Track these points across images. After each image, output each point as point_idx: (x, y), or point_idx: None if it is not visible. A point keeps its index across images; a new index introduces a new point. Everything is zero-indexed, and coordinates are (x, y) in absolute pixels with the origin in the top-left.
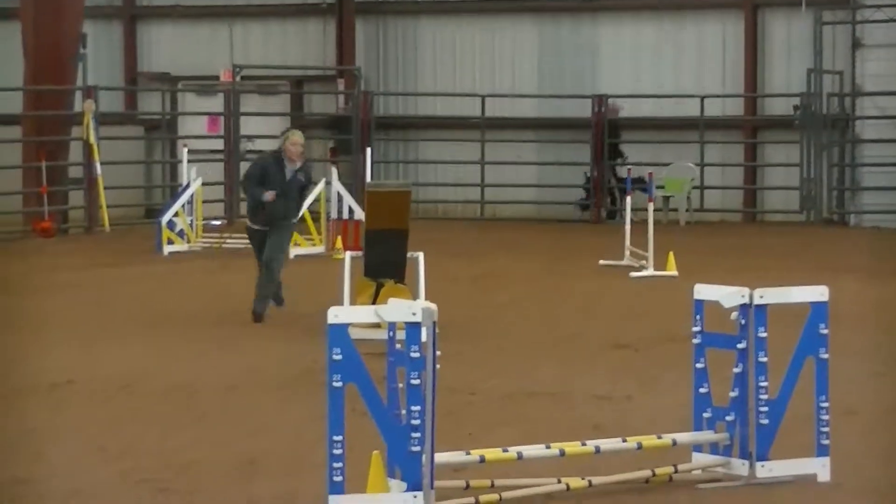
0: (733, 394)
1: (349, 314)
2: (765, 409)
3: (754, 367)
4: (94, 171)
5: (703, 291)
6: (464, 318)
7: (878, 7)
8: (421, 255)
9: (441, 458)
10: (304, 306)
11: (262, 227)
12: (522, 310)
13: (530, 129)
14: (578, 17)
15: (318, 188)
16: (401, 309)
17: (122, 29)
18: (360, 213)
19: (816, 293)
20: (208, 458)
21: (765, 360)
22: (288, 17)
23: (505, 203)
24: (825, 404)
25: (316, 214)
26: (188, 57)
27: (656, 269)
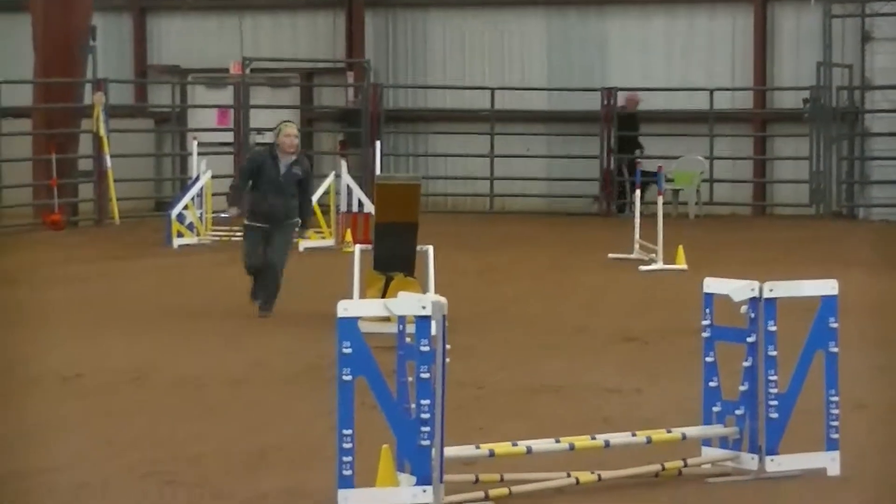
0: (743, 388)
1: (359, 308)
2: (774, 403)
3: (764, 360)
4: (103, 164)
5: (712, 285)
6: (473, 311)
7: (888, 0)
8: (430, 249)
9: (451, 452)
10: (313, 300)
11: (261, 225)
12: (531, 303)
13: (540, 122)
14: (588, 9)
15: (328, 181)
16: (410, 302)
17: (132, 21)
18: (369, 207)
19: (826, 287)
20: (217, 451)
21: (774, 353)
22: (298, 10)
23: (514, 196)
24: (835, 398)
25: (325, 207)
26: (198, 50)
27: (666, 262)
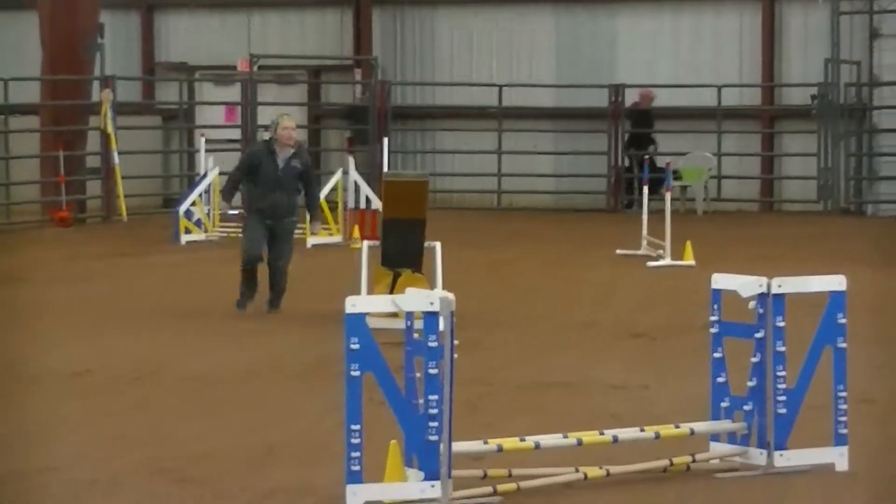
0: (751, 383)
1: (367, 304)
2: (782, 398)
3: (772, 356)
4: (111, 161)
5: (720, 281)
6: (481, 306)
7: None
8: (438, 245)
9: (459, 447)
10: (321, 296)
11: (265, 220)
12: (539, 299)
13: (547, 118)
14: (596, 6)
15: (336, 178)
16: (418, 298)
17: (140, 18)
18: (377, 203)
19: (834, 283)
20: (226, 447)
21: (782, 349)
22: (305, 7)
23: (522, 193)
24: (843, 394)
25: (333, 204)
26: (205, 46)
27: (673, 258)
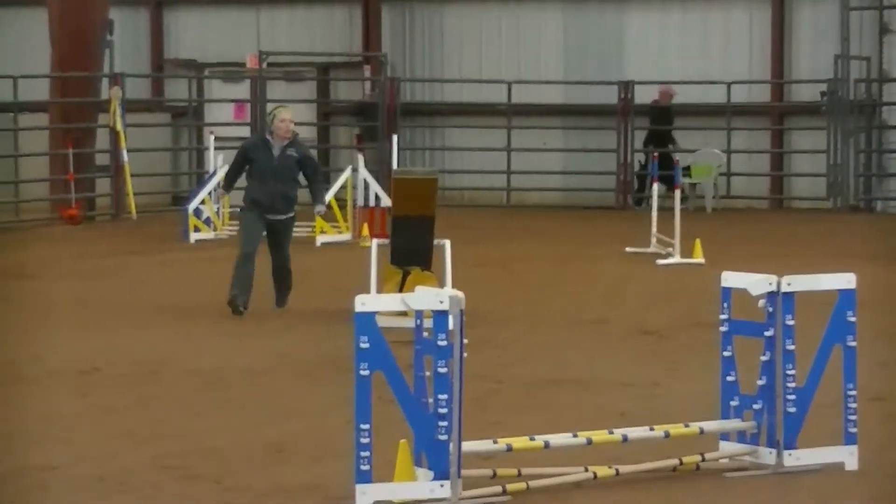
0: (761, 382)
1: (376, 302)
2: (792, 397)
3: (782, 354)
4: (120, 159)
5: (730, 279)
6: (490, 304)
7: None
8: (447, 243)
9: (468, 446)
10: (330, 294)
11: (264, 215)
12: (548, 297)
13: (556, 115)
14: (604, 2)
15: (345, 175)
16: (428, 297)
17: (149, 15)
18: (386, 201)
19: (844, 280)
20: (235, 444)
21: (792, 347)
22: (314, 4)
23: (531, 190)
24: (853, 392)
25: (342, 202)
26: (215, 44)
27: (683, 256)
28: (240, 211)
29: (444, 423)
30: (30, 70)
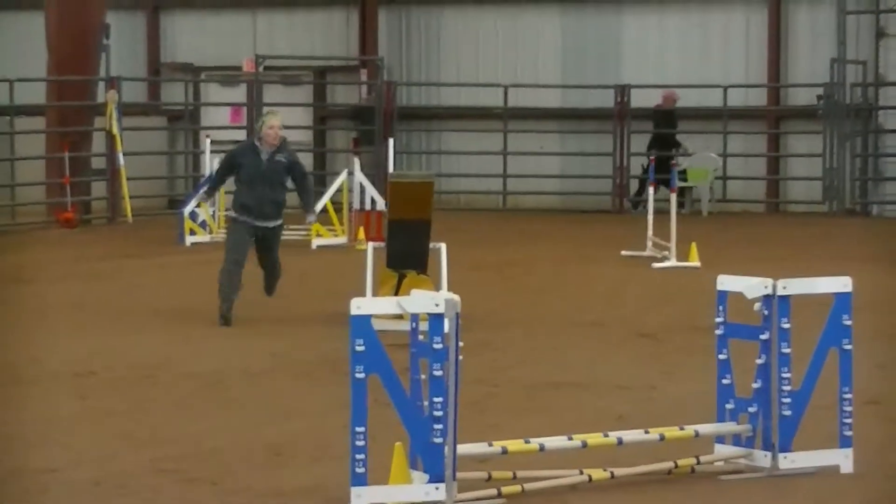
0: (756, 385)
1: (372, 305)
2: (787, 400)
3: (777, 358)
4: (116, 162)
5: (726, 282)
6: (486, 308)
7: None
8: (443, 246)
9: (463, 449)
10: (326, 297)
11: (249, 221)
12: (544, 300)
13: (553, 119)
14: (602, 6)
15: (341, 179)
16: (424, 300)
17: (146, 19)
18: (382, 204)
19: (840, 284)
20: (233, 446)
21: (788, 351)
22: (311, 8)
23: (527, 194)
24: (848, 395)
25: (338, 205)
26: (211, 47)
27: (679, 259)
28: (227, 215)
29: (440, 426)
30: (26, 73)
